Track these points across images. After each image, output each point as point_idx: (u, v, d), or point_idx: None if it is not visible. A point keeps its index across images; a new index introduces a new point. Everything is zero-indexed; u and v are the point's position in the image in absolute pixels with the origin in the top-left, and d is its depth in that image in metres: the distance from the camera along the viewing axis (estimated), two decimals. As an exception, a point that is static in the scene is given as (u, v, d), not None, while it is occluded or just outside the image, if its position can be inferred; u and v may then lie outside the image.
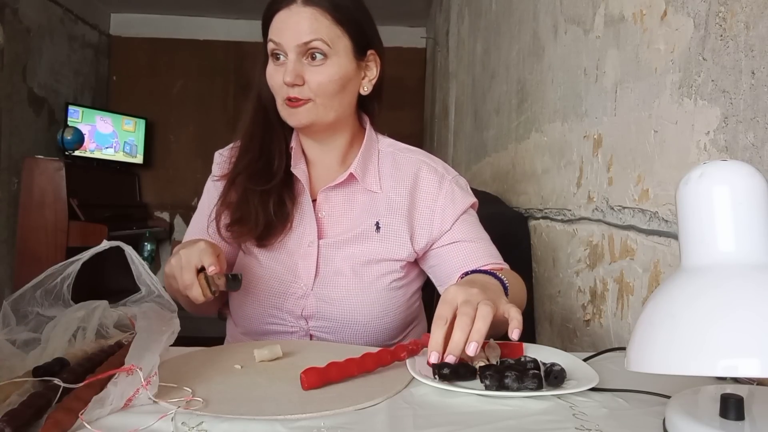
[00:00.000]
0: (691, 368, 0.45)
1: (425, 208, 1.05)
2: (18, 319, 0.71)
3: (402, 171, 1.07)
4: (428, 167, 1.08)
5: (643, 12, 1.02)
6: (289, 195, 1.04)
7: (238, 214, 1.03)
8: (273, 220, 1.02)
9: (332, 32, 0.97)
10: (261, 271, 1.04)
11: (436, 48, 4.47)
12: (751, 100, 0.73)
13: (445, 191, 1.06)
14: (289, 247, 1.04)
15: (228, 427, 0.56)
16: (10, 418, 0.52)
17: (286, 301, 1.01)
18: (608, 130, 1.16)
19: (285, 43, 0.96)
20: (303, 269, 1.02)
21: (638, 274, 1.01)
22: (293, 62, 0.96)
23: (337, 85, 0.98)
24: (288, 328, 1.02)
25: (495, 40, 2.31)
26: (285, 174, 1.04)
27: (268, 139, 1.05)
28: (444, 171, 1.08)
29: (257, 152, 1.04)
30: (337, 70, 0.98)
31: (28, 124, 3.92)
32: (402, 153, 1.10)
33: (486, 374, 0.67)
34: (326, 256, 1.02)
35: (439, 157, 1.16)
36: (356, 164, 1.04)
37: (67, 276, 0.74)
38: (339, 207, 1.05)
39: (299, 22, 0.96)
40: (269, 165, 1.04)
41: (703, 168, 0.51)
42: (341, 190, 1.05)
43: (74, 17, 4.49)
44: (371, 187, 1.05)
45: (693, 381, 0.63)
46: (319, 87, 0.97)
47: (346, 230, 1.03)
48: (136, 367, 0.59)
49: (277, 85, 0.98)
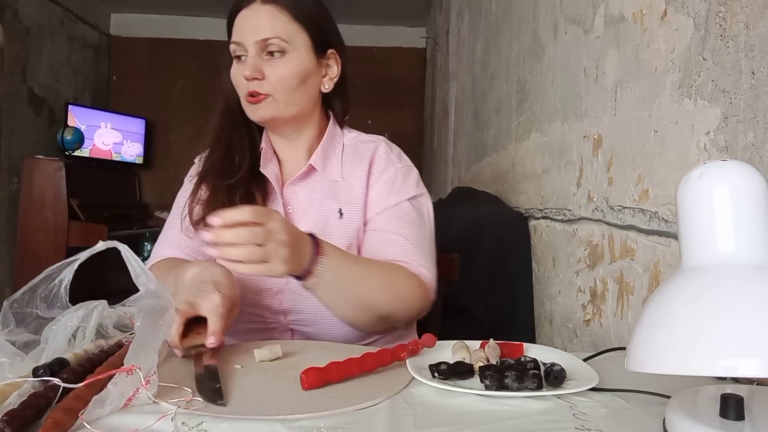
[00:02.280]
0: (691, 368, 0.45)
1: (374, 180, 1.07)
2: (17, 321, 0.71)
3: (361, 157, 1.09)
4: (384, 149, 1.10)
5: (643, 12, 1.02)
6: (259, 190, 1.06)
7: (207, 210, 1.03)
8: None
9: (290, 28, 1.01)
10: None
11: (436, 48, 4.47)
12: (751, 100, 0.73)
13: (388, 176, 1.07)
14: None
15: (228, 427, 0.56)
16: (10, 418, 0.52)
17: (263, 298, 1.02)
18: (608, 130, 1.16)
19: (245, 41, 1.00)
20: None
21: (638, 274, 1.01)
22: (252, 57, 0.99)
23: (296, 79, 1.02)
24: (267, 324, 1.03)
25: (495, 40, 2.31)
26: (252, 172, 1.06)
27: (236, 139, 1.08)
28: (397, 159, 1.10)
29: (224, 152, 1.07)
30: (295, 65, 1.01)
31: (28, 124, 3.92)
32: (363, 142, 1.12)
33: (486, 374, 0.67)
34: None
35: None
36: (316, 156, 1.07)
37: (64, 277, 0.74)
38: (304, 199, 1.07)
39: (258, 20, 1.00)
40: (234, 162, 1.06)
41: (703, 168, 0.51)
42: (304, 182, 1.08)
43: (74, 17, 4.50)
44: (333, 176, 1.07)
45: (693, 381, 0.63)
46: (278, 81, 1.00)
47: (313, 222, 1.05)
48: (136, 367, 0.59)
49: (238, 82, 1.02)
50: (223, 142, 1.08)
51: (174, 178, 5.88)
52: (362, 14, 4.84)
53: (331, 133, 1.11)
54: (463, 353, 0.76)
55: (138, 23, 5.11)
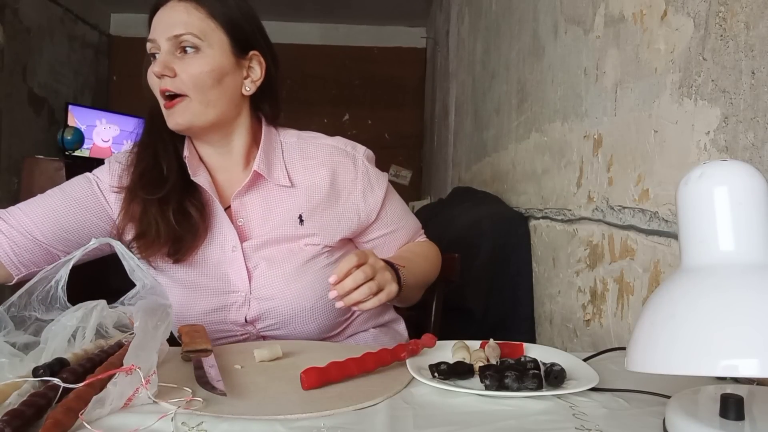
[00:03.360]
0: (691, 368, 0.45)
1: (348, 194, 1.06)
2: (16, 324, 0.71)
3: (314, 159, 1.05)
4: (338, 151, 1.07)
5: (643, 12, 1.02)
6: (194, 203, 1.00)
7: (140, 227, 0.99)
8: (178, 231, 0.97)
9: (205, 25, 0.97)
10: (191, 293, 1.01)
11: (436, 48, 4.47)
12: (751, 100, 0.73)
13: (361, 173, 1.06)
14: (211, 258, 1.01)
15: (228, 427, 0.56)
16: (10, 418, 0.52)
17: (228, 313, 1.00)
18: (608, 130, 1.16)
19: (157, 38, 0.97)
20: (235, 276, 1.00)
21: (638, 274, 1.01)
22: (164, 54, 0.96)
23: (210, 78, 0.96)
24: (238, 336, 1.02)
25: (495, 40, 2.31)
26: (182, 182, 1.00)
27: (161, 147, 1.02)
28: (353, 150, 1.08)
29: (151, 160, 1.01)
30: (209, 62, 0.96)
31: (28, 124, 3.92)
32: (307, 141, 1.08)
33: (486, 374, 0.67)
34: (253, 256, 1.01)
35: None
36: (258, 161, 1.01)
37: (60, 278, 0.74)
38: (257, 210, 1.03)
39: (171, 16, 0.97)
40: (163, 172, 1.00)
41: (703, 168, 0.51)
42: (254, 192, 1.03)
43: (74, 17, 4.49)
44: (279, 181, 1.03)
45: (693, 381, 0.63)
46: (191, 79, 0.95)
47: (270, 230, 1.02)
48: (136, 367, 0.59)
49: (152, 82, 0.98)
50: (150, 150, 1.02)
51: (174, 178, 5.77)
52: (362, 14, 4.83)
53: (268, 134, 1.06)
54: (463, 353, 0.76)
55: (138, 23, 5.06)
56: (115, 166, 1.05)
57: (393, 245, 1.14)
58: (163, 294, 0.75)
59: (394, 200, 1.14)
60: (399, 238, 1.14)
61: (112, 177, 1.04)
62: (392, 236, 1.13)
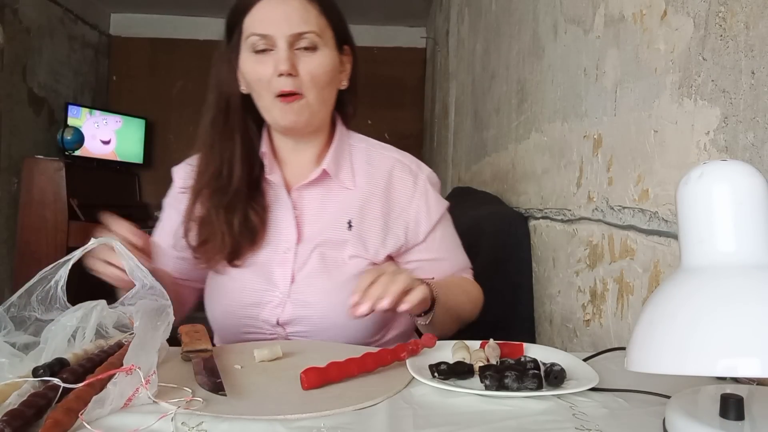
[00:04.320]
0: (690, 368, 0.45)
1: (400, 210, 1.04)
2: (16, 324, 0.71)
3: (376, 168, 1.04)
4: (402, 165, 1.05)
5: (643, 12, 1.02)
6: (256, 208, 0.99)
7: (204, 234, 0.99)
8: (238, 240, 0.98)
9: (321, 22, 0.95)
10: (232, 284, 1.01)
11: (436, 48, 4.47)
12: (751, 100, 0.73)
13: (420, 192, 1.04)
14: (262, 257, 1.01)
15: (228, 427, 0.56)
16: (10, 418, 0.52)
17: (262, 310, 0.99)
18: (608, 130, 1.16)
19: (274, 34, 0.91)
20: (279, 277, 1.00)
21: (638, 274, 1.01)
22: (285, 51, 0.91)
23: (328, 77, 0.96)
24: (266, 336, 1.01)
25: (495, 40, 2.31)
26: (251, 183, 1.00)
27: (232, 146, 1.00)
28: (417, 168, 1.07)
29: (219, 164, 0.99)
30: (327, 61, 0.95)
31: (28, 124, 3.92)
32: (375, 149, 1.07)
33: (486, 374, 0.67)
34: (301, 261, 1.00)
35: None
36: (329, 160, 1.01)
37: (60, 278, 0.74)
38: (314, 205, 1.02)
39: (289, 11, 0.92)
40: (231, 177, 0.99)
41: (703, 168, 0.51)
42: (315, 188, 1.02)
43: (74, 17, 4.49)
44: (345, 183, 1.02)
45: (693, 381, 0.63)
46: (312, 79, 0.93)
47: (320, 230, 1.01)
48: (136, 367, 0.59)
49: (265, 78, 0.93)
50: (217, 151, 1.00)
51: (174, 178, 5.76)
52: (362, 14, 4.83)
53: (341, 134, 1.06)
54: (463, 353, 0.76)
55: (138, 23, 5.10)
56: (182, 173, 1.07)
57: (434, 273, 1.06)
58: (163, 294, 0.75)
59: (447, 230, 1.10)
60: (442, 268, 1.08)
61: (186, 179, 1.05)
62: (435, 264, 1.07)
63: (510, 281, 1.67)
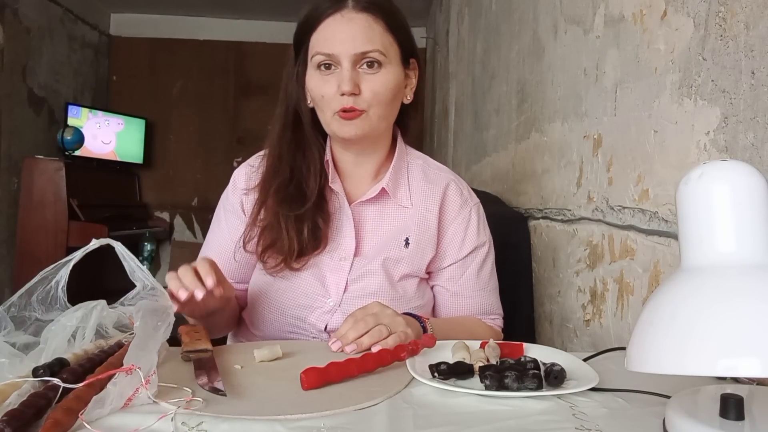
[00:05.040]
0: (690, 368, 0.45)
1: (445, 228, 1.05)
2: (16, 324, 0.71)
3: (433, 186, 1.05)
4: (455, 186, 1.07)
5: (643, 12, 1.02)
6: (323, 216, 1.00)
7: (269, 239, 0.99)
8: (305, 247, 0.98)
9: (386, 40, 0.94)
10: (287, 284, 1.01)
11: (436, 48, 4.47)
12: (751, 100, 0.73)
13: (463, 217, 1.05)
14: (319, 263, 1.01)
15: (228, 427, 0.56)
16: (10, 418, 0.52)
17: (312, 314, 1.00)
18: (608, 130, 1.16)
19: (339, 53, 0.92)
20: (333, 284, 1.00)
21: (638, 274, 1.01)
22: (349, 71, 0.92)
23: (391, 94, 0.96)
24: (308, 337, 1.01)
25: (495, 40, 2.31)
26: (319, 191, 1.00)
27: (300, 157, 1.00)
28: (468, 194, 1.08)
29: (288, 174, 0.99)
30: (391, 78, 0.95)
31: (28, 124, 3.92)
32: (432, 169, 1.08)
33: (486, 374, 0.67)
34: (356, 273, 1.00)
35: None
36: (388, 178, 1.02)
37: (60, 278, 0.74)
38: (371, 222, 1.03)
39: (354, 30, 0.92)
40: (301, 187, 0.99)
41: (703, 168, 0.51)
42: (373, 204, 1.03)
43: (74, 17, 4.49)
44: (402, 202, 1.03)
45: (693, 381, 0.63)
46: (374, 97, 0.94)
47: (378, 246, 1.02)
48: (135, 367, 0.59)
49: (328, 95, 0.94)
50: (287, 162, 1.00)
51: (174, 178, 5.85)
52: (362, 14, 4.83)
53: (400, 152, 1.06)
54: (463, 353, 0.76)
55: (138, 23, 5.10)
56: (249, 170, 1.06)
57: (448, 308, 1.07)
58: (163, 295, 0.75)
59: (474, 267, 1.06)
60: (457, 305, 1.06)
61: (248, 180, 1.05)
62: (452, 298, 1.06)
63: (510, 281, 1.67)
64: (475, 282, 1.07)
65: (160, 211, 5.11)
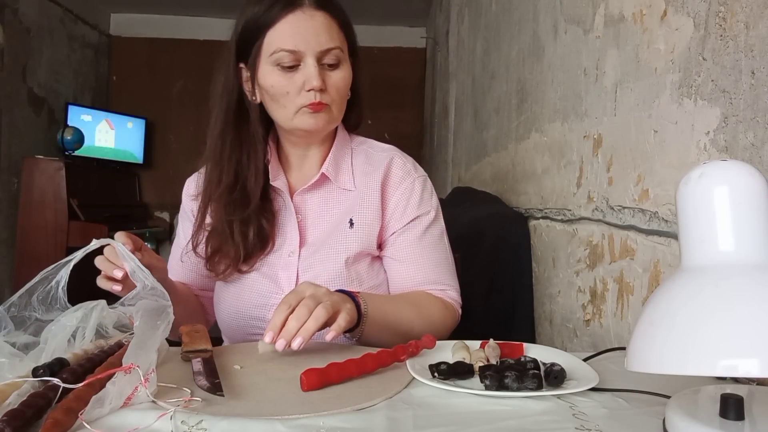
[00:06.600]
0: (690, 368, 0.45)
1: (388, 198, 1.05)
2: (16, 324, 0.71)
3: (375, 166, 1.06)
4: (399, 161, 1.07)
5: (643, 12, 1.02)
6: (267, 216, 1.01)
7: (216, 244, 1.00)
8: (251, 250, 1.00)
9: (341, 37, 0.97)
10: (240, 286, 1.03)
11: (436, 48, 4.47)
12: (751, 100, 0.73)
13: (405, 186, 1.05)
14: (268, 261, 1.03)
15: (228, 425, 0.56)
16: (10, 418, 0.52)
17: (269, 312, 0.99)
18: (608, 130, 1.16)
19: (304, 50, 0.92)
20: (284, 280, 1.01)
21: (638, 274, 1.01)
22: (316, 67, 0.93)
23: (347, 88, 1.00)
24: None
25: (495, 40, 2.31)
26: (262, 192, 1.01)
27: (245, 159, 1.00)
28: (413, 168, 1.08)
29: (233, 177, 1.00)
30: (347, 74, 0.99)
31: (28, 124, 3.92)
32: (376, 151, 1.09)
33: (486, 374, 0.67)
34: (306, 263, 1.01)
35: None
36: (328, 164, 1.03)
37: (60, 278, 0.74)
38: (315, 209, 1.04)
39: (317, 27, 0.93)
40: (246, 190, 1.00)
41: (703, 168, 0.51)
42: (316, 191, 1.04)
43: (74, 17, 4.49)
44: (345, 185, 1.04)
45: (693, 381, 0.63)
46: (337, 92, 0.97)
47: (324, 233, 1.03)
48: (134, 366, 0.59)
49: (293, 92, 0.94)
50: (232, 163, 1.00)
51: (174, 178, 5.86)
52: (362, 14, 4.83)
53: (341, 138, 1.08)
54: (463, 353, 0.76)
55: (138, 23, 5.10)
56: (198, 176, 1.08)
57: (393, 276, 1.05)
58: (163, 294, 0.75)
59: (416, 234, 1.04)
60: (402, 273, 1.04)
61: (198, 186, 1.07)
62: (396, 265, 1.04)
63: (510, 281, 1.67)
64: (417, 247, 1.04)
65: (160, 211, 5.11)
